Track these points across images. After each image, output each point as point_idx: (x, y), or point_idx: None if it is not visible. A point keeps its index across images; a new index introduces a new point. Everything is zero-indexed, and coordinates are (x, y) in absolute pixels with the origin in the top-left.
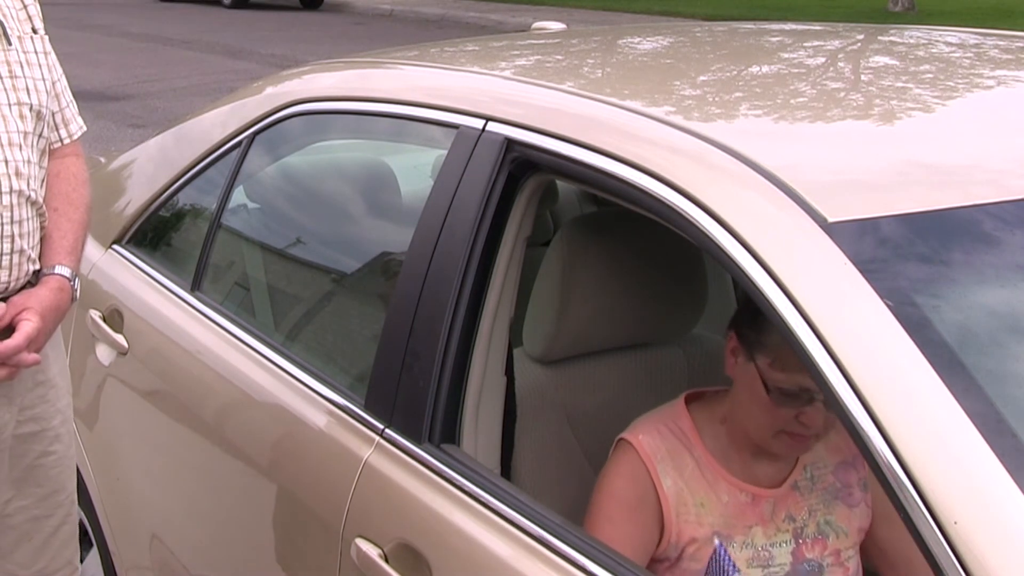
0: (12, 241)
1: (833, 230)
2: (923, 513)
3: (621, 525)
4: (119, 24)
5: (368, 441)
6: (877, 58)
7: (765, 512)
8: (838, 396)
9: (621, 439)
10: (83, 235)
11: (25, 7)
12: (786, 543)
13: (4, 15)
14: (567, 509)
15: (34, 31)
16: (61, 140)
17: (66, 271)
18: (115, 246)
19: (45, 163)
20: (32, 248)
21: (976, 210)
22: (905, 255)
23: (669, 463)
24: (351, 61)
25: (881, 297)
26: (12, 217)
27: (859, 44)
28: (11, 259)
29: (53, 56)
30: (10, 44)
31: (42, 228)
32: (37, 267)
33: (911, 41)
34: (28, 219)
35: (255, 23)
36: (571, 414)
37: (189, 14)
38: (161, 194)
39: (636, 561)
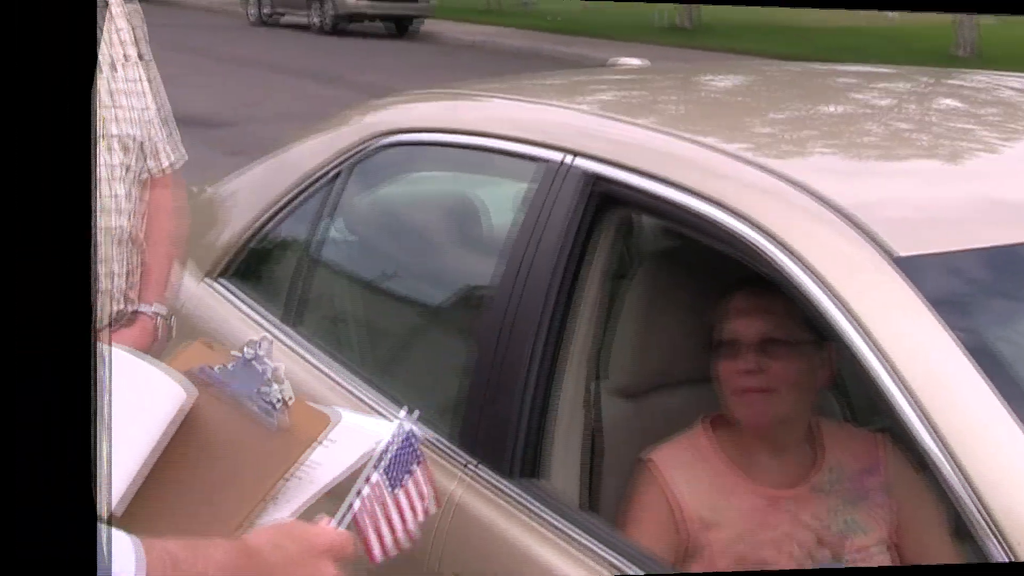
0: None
1: (903, 264)
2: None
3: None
4: (213, 46)
5: (456, 475)
6: (944, 100)
7: (787, 512)
8: (907, 424)
9: (638, 459)
10: (170, 269)
11: (132, 29)
12: (811, 537)
13: (108, 40)
14: None
15: (140, 56)
16: (162, 170)
17: (149, 308)
18: (209, 278)
19: (138, 195)
20: (117, 288)
21: None
22: (975, 289)
23: (682, 475)
24: (441, 92)
25: (950, 330)
26: (94, 257)
27: (926, 87)
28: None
29: (158, 81)
30: (116, 71)
31: (132, 263)
32: (121, 307)
33: (976, 85)
34: (114, 259)
35: (344, 49)
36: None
37: (280, 39)
38: (254, 225)
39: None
